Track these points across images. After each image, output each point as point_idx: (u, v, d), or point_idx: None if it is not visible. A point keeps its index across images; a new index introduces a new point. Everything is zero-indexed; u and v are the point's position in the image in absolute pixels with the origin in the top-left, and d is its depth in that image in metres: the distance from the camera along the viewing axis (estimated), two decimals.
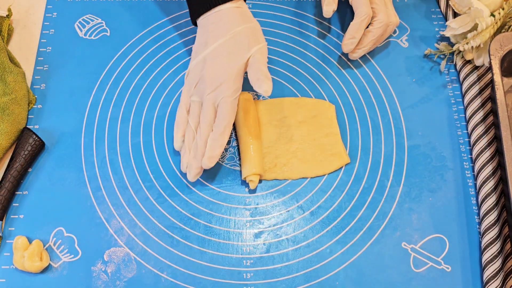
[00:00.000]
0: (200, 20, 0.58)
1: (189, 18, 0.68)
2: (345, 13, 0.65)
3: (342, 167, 0.59)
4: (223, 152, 0.60)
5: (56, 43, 0.66)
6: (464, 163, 0.60)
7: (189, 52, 0.65)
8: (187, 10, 0.68)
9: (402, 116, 0.62)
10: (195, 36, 0.67)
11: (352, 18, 0.62)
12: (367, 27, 0.62)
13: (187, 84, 0.58)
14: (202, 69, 0.55)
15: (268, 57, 0.66)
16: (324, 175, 0.58)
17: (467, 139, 0.61)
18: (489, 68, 0.60)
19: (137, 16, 0.68)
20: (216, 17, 0.57)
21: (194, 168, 0.54)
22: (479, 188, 0.57)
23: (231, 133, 0.61)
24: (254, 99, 0.62)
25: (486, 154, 0.59)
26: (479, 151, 0.59)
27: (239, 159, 0.59)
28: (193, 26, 0.60)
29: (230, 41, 0.55)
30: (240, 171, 0.58)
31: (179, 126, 0.57)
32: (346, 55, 0.65)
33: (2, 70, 0.60)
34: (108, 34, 0.67)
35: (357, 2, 0.61)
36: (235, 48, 0.55)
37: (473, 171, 0.59)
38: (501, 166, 0.58)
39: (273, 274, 0.54)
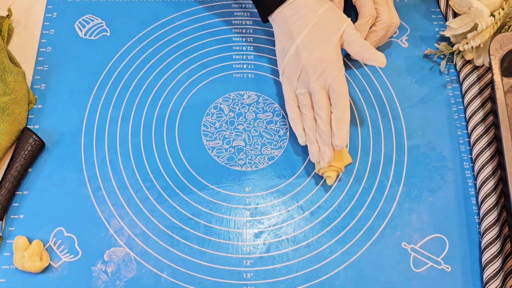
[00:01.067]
0: (275, 16, 0.59)
1: (189, 18, 0.68)
2: (349, 14, 0.65)
3: (344, 166, 0.59)
4: (223, 152, 0.60)
5: (56, 43, 0.66)
6: (464, 163, 0.60)
7: (189, 52, 0.65)
8: (187, 10, 0.68)
9: (402, 116, 0.62)
10: (195, 36, 0.67)
11: (356, 19, 0.62)
12: (370, 27, 0.62)
13: (287, 81, 0.59)
14: (299, 60, 0.57)
15: (268, 57, 0.66)
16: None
17: (467, 139, 0.61)
18: (489, 68, 0.60)
19: (137, 16, 0.68)
20: (292, 8, 0.58)
21: (328, 154, 0.55)
22: (479, 188, 0.57)
23: (233, 130, 0.61)
24: None
25: (486, 154, 0.59)
26: (479, 151, 0.59)
27: (239, 159, 0.59)
28: (188, 27, 0.61)
29: (316, 26, 0.57)
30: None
31: (296, 121, 0.58)
32: (347, 55, 0.65)
33: (2, 70, 0.60)
34: (108, 34, 0.67)
35: (361, 3, 0.62)
36: (325, 31, 0.57)
37: (473, 171, 0.59)
38: (501, 166, 0.58)
39: (273, 274, 0.54)
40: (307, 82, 0.57)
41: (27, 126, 0.60)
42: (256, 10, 0.69)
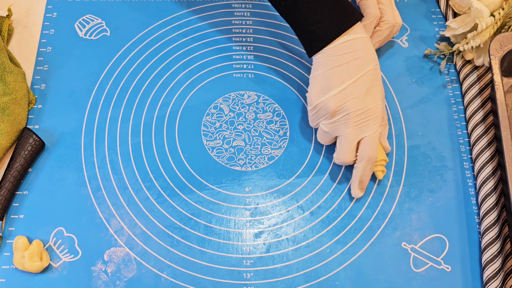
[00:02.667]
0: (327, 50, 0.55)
1: (189, 18, 0.68)
2: None
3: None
4: (223, 152, 0.60)
5: (56, 43, 0.66)
6: (464, 163, 0.60)
7: (189, 52, 0.65)
8: (187, 10, 0.69)
9: (402, 116, 0.62)
10: (195, 36, 0.67)
11: None
12: (374, 27, 0.62)
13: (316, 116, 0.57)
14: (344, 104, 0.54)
15: (268, 57, 0.66)
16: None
17: (467, 139, 0.61)
18: (489, 68, 0.60)
19: (137, 16, 0.68)
20: (335, 51, 0.54)
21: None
22: (479, 188, 0.57)
23: (233, 130, 0.61)
24: None
25: (486, 154, 0.59)
26: (479, 151, 0.59)
27: (239, 159, 0.59)
28: (188, 27, 0.61)
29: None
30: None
31: None
32: None
33: (2, 70, 0.60)
34: (108, 34, 0.67)
35: (366, 4, 0.61)
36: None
37: (473, 171, 0.59)
38: (501, 166, 0.58)
39: (273, 274, 0.54)
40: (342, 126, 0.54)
41: (27, 126, 0.60)
42: (256, 10, 0.69)
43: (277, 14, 0.68)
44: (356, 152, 0.55)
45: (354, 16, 0.54)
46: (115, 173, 0.58)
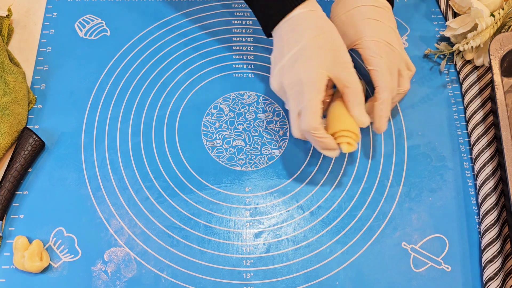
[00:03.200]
0: (274, 33, 0.56)
1: (189, 18, 0.68)
2: None
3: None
4: (223, 152, 0.60)
5: (56, 43, 0.66)
6: (464, 163, 0.60)
7: (189, 52, 0.65)
8: (187, 10, 0.69)
9: (402, 116, 0.62)
10: (195, 36, 0.67)
11: None
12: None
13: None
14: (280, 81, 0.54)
15: (268, 57, 0.66)
16: None
17: (467, 139, 0.61)
18: (489, 68, 0.60)
19: (137, 16, 0.68)
20: (290, 24, 0.54)
21: None
22: (479, 188, 0.57)
23: (233, 130, 0.61)
24: None
25: (486, 154, 0.59)
26: (479, 151, 0.59)
27: (239, 159, 0.59)
28: (188, 27, 0.60)
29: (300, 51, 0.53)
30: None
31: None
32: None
33: (2, 70, 0.60)
34: (108, 34, 0.67)
35: (377, 77, 0.55)
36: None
37: (473, 171, 0.59)
38: (501, 166, 0.58)
39: (273, 274, 0.54)
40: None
41: (27, 126, 0.60)
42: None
43: None
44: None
45: None
46: (115, 173, 0.58)
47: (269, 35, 0.57)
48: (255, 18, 0.68)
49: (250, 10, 0.69)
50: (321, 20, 0.54)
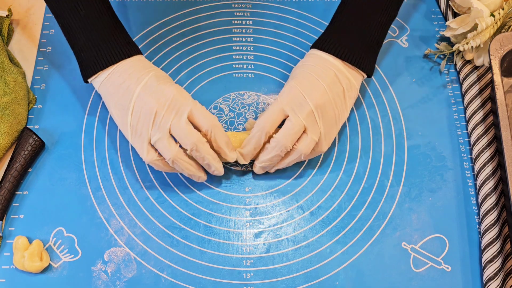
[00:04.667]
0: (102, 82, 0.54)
1: (189, 18, 0.68)
2: None
3: None
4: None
5: (56, 43, 0.66)
6: (464, 163, 0.60)
7: (189, 52, 0.65)
8: (187, 10, 0.69)
9: (402, 116, 0.62)
10: (195, 36, 0.67)
11: None
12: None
13: (140, 136, 0.53)
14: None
15: (268, 57, 0.66)
16: None
17: (467, 139, 0.61)
18: (489, 68, 0.60)
19: (137, 16, 0.68)
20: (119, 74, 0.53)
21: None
22: (479, 188, 0.57)
23: (233, 130, 0.61)
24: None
25: (486, 154, 0.59)
26: (479, 151, 0.59)
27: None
28: (188, 27, 0.60)
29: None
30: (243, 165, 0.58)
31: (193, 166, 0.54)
32: None
33: (2, 70, 0.60)
34: None
35: (265, 110, 0.54)
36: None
37: (473, 171, 0.59)
38: (501, 166, 0.58)
39: (273, 274, 0.54)
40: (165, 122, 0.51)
41: (27, 126, 0.60)
42: (256, 10, 0.69)
43: (277, 14, 0.68)
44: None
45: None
46: (115, 173, 0.58)
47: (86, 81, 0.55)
48: (255, 18, 0.68)
49: (250, 10, 0.69)
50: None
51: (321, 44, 0.56)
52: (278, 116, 0.52)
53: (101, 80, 0.54)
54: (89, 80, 0.55)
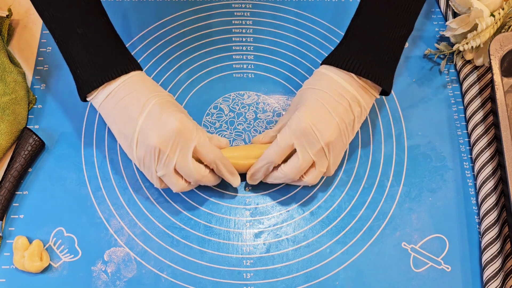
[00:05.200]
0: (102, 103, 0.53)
1: (189, 18, 0.68)
2: (348, 15, 0.65)
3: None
4: None
5: None
6: (464, 163, 0.60)
7: (189, 52, 0.65)
8: (187, 10, 0.69)
9: (402, 116, 0.62)
10: (195, 36, 0.67)
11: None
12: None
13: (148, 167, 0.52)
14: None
15: (268, 57, 0.66)
16: None
17: (467, 139, 0.61)
18: (489, 68, 0.60)
19: (137, 16, 0.68)
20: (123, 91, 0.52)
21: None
22: (479, 188, 0.57)
23: (233, 130, 0.61)
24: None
25: (486, 154, 0.59)
26: (479, 151, 0.59)
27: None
28: (188, 27, 0.60)
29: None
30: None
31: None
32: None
33: (2, 70, 0.60)
34: None
35: (273, 143, 0.53)
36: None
37: (473, 171, 0.59)
38: (501, 166, 0.58)
39: (273, 274, 0.54)
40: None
41: (27, 126, 0.60)
42: (256, 10, 0.69)
43: (277, 14, 0.68)
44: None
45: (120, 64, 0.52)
46: (115, 173, 0.58)
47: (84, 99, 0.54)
48: (255, 18, 0.68)
49: (250, 10, 0.69)
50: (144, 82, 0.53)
51: (335, 60, 0.53)
52: (286, 150, 0.52)
53: (100, 101, 0.52)
54: (87, 99, 0.53)
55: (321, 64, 0.55)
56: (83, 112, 0.62)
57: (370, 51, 0.52)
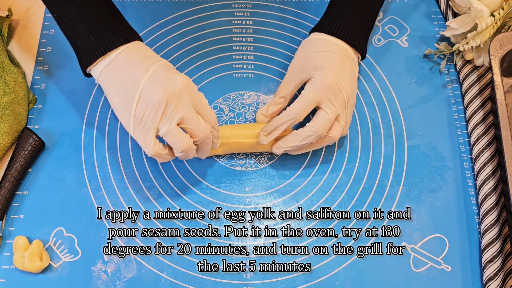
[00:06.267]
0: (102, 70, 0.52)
1: (189, 18, 0.68)
2: None
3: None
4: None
5: (56, 43, 0.66)
6: (464, 163, 0.60)
7: (189, 52, 0.65)
8: (187, 10, 0.69)
9: (402, 116, 0.62)
10: (195, 36, 0.67)
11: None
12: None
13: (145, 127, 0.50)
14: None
15: (268, 57, 0.66)
16: None
17: (467, 139, 0.61)
18: (489, 68, 0.60)
19: (137, 16, 0.68)
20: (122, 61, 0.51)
21: None
22: (479, 188, 0.57)
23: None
24: None
25: (486, 154, 0.59)
26: (479, 151, 0.59)
27: (239, 159, 0.59)
28: (188, 27, 0.60)
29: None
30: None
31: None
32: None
33: (2, 70, 0.60)
34: None
35: (298, 99, 0.54)
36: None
37: (473, 171, 0.59)
38: (501, 166, 0.58)
39: (273, 274, 0.54)
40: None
41: (27, 126, 0.60)
42: (256, 10, 0.69)
43: (277, 14, 0.68)
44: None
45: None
46: (115, 173, 0.58)
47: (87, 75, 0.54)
48: (255, 18, 0.68)
49: (250, 10, 0.69)
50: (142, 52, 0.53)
51: (328, 28, 0.57)
52: (312, 106, 0.54)
53: (101, 68, 0.51)
54: (88, 69, 0.53)
55: (312, 32, 0.59)
56: (83, 112, 0.62)
57: (353, 21, 0.57)
